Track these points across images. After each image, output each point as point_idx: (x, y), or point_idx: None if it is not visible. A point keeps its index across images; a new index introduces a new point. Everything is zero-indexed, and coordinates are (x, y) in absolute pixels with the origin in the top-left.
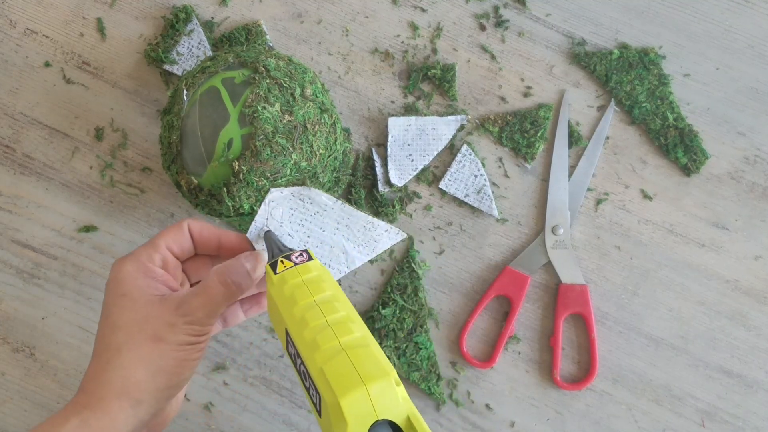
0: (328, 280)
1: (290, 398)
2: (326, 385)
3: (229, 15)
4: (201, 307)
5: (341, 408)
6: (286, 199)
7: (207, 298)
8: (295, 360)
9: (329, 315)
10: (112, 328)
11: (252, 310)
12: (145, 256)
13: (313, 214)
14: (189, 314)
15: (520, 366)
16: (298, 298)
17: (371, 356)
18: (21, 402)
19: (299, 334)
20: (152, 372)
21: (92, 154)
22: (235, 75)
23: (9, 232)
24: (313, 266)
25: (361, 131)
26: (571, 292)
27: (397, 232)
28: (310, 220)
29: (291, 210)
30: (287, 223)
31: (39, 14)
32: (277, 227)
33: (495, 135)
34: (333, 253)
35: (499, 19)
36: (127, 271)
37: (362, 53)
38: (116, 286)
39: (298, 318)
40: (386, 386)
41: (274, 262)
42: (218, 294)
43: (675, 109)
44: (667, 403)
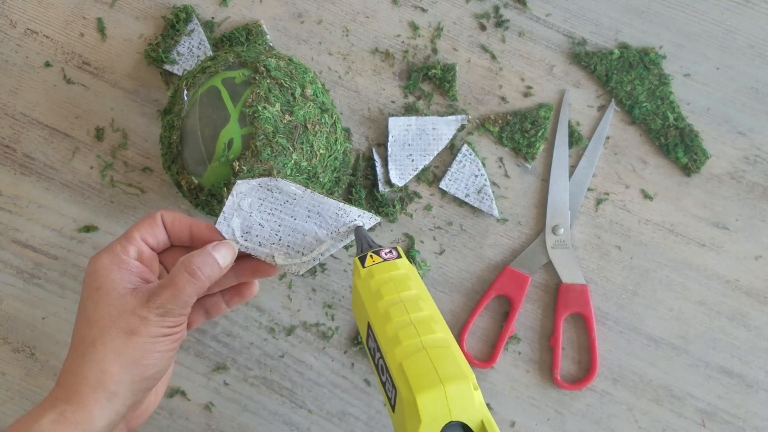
0: (414, 279)
1: (290, 398)
2: (404, 380)
3: (230, 15)
4: (171, 298)
5: (417, 405)
6: (254, 189)
7: (175, 290)
8: (374, 354)
9: (413, 313)
10: (86, 321)
11: (233, 300)
12: (119, 249)
13: (282, 203)
14: (160, 306)
15: (521, 366)
16: (384, 293)
17: (451, 357)
18: (21, 402)
19: (382, 328)
20: (127, 365)
21: (92, 154)
22: (236, 75)
23: (9, 232)
24: (401, 264)
25: (361, 131)
26: (572, 292)
27: (370, 216)
28: (280, 209)
29: (260, 200)
30: (257, 213)
31: (39, 14)
32: (247, 217)
33: (495, 135)
34: (305, 241)
35: (499, 19)
36: (102, 265)
37: (362, 53)
38: (91, 280)
39: (382, 312)
40: (464, 388)
41: (363, 256)
42: (186, 284)
43: (675, 109)
44: (668, 403)
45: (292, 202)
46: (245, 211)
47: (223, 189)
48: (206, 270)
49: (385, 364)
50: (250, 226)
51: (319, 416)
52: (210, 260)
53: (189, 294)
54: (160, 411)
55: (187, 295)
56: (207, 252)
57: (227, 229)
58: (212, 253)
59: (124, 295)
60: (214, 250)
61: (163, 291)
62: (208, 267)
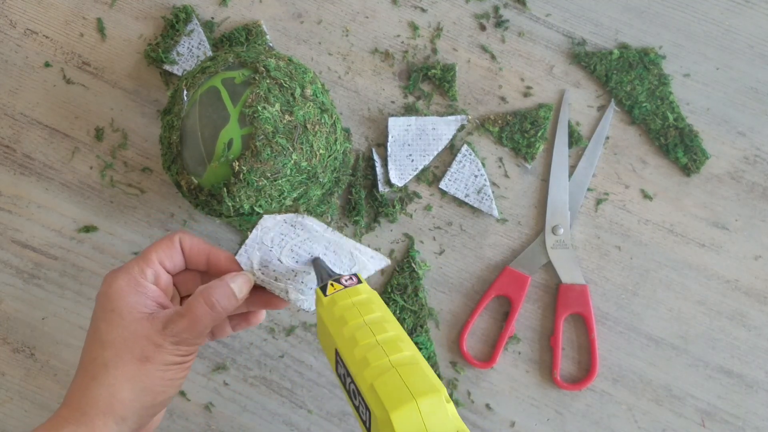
0: (377, 302)
1: (290, 398)
2: (377, 400)
3: (229, 15)
4: (187, 328)
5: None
6: (278, 224)
7: (193, 319)
8: (344, 380)
9: (379, 334)
10: (99, 343)
11: (240, 325)
12: (137, 270)
13: (302, 241)
14: (175, 335)
15: (520, 366)
16: (348, 318)
17: (421, 373)
18: (21, 402)
19: (349, 352)
20: (138, 391)
21: (92, 155)
22: (235, 75)
23: (9, 233)
24: (362, 289)
25: (361, 131)
26: (571, 292)
27: (382, 258)
28: (299, 245)
29: (281, 235)
30: (277, 248)
31: (39, 14)
32: (267, 251)
33: (495, 135)
34: None
35: (499, 19)
36: (119, 286)
37: (362, 53)
38: (106, 301)
39: (348, 337)
40: (436, 402)
41: (323, 285)
42: (204, 315)
43: (675, 109)
44: (667, 402)
45: (311, 239)
46: (266, 245)
47: (222, 189)
48: (224, 302)
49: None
50: (269, 261)
51: (319, 416)
52: (228, 292)
53: (206, 325)
54: None
55: (204, 326)
56: (225, 284)
57: (246, 261)
58: (230, 285)
59: (139, 320)
60: (232, 281)
61: (180, 320)
62: (226, 299)
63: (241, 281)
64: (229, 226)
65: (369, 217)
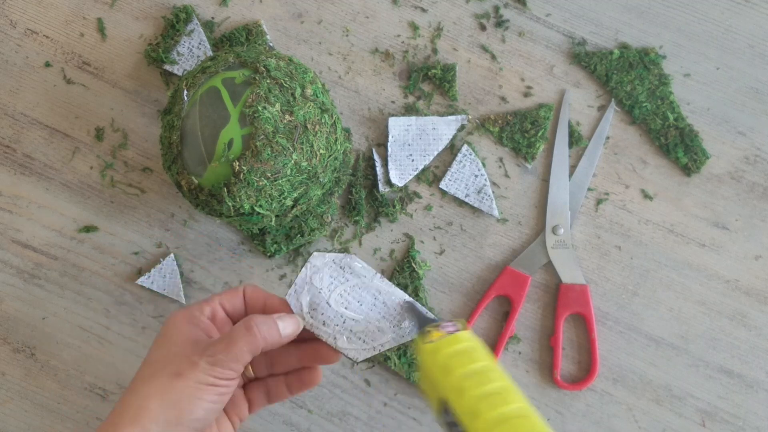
0: (480, 350)
1: (290, 398)
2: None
3: (230, 15)
4: (223, 348)
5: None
6: (327, 265)
7: (229, 341)
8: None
9: (486, 385)
10: (146, 362)
11: (295, 386)
12: (195, 307)
13: (352, 286)
14: (211, 354)
15: (521, 366)
16: (453, 367)
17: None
18: (21, 402)
19: (458, 402)
20: (165, 405)
21: (92, 155)
22: (236, 75)
23: (9, 233)
24: (464, 336)
25: (361, 131)
26: (572, 292)
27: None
28: (349, 291)
29: (331, 278)
30: (326, 291)
31: (39, 14)
32: (316, 293)
33: (495, 135)
34: (368, 328)
35: (499, 19)
36: (176, 318)
37: (362, 53)
38: (162, 329)
39: (455, 386)
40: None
41: (423, 332)
42: (240, 337)
43: (675, 109)
44: (668, 402)
45: (360, 285)
46: (316, 286)
47: (223, 189)
48: (263, 328)
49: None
50: (317, 303)
51: (319, 416)
52: (269, 323)
53: (241, 347)
54: None
55: (239, 348)
56: (269, 317)
57: (296, 303)
58: (274, 319)
59: (183, 342)
60: (278, 318)
61: (219, 342)
62: (265, 327)
63: (287, 319)
64: (230, 225)
65: (369, 217)
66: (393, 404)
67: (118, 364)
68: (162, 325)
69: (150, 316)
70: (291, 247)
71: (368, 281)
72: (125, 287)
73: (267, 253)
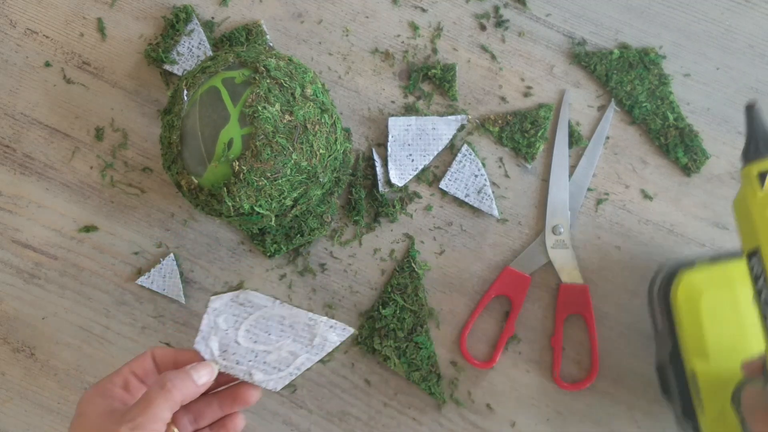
0: None
1: (290, 398)
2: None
3: (230, 15)
4: (141, 411)
5: None
6: (227, 305)
7: (147, 402)
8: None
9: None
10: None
11: None
12: (106, 380)
13: (256, 319)
14: (130, 419)
15: (521, 366)
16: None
17: None
18: (21, 402)
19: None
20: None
21: (92, 154)
22: (236, 75)
23: (9, 232)
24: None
25: (361, 131)
26: (572, 292)
27: (344, 327)
28: (254, 325)
29: (234, 316)
30: (232, 331)
31: (39, 14)
32: (224, 335)
33: (495, 135)
34: (281, 356)
35: (499, 19)
36: (88, 395)
37: (362, 53)
38: (77, 409)
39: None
40: None
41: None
42: (156, 396)
43: (675, 109)
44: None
45: (264, 316)
46: (222, 328)
47: (223, 189)
48: (177, 383)
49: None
50: (227, 344)
51: (319, 416)
52: (182, 375)
53: (158, 406)
54: None
55: (157, 407)
56: (182, 370)
57: (206, 349)
58: (187, 370)
59: (100, 416)
60: (192, 368)
61: (136, 406)
62: (179, 380)
63: (200, 368)
64: (230, 225)
65: (369, 217)
66: (393, 404)
67: (118, 364)
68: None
69: (150, 316)
70: (291, 247)
71: (270, 310)
72: (125, 287)
73: (267, 253)
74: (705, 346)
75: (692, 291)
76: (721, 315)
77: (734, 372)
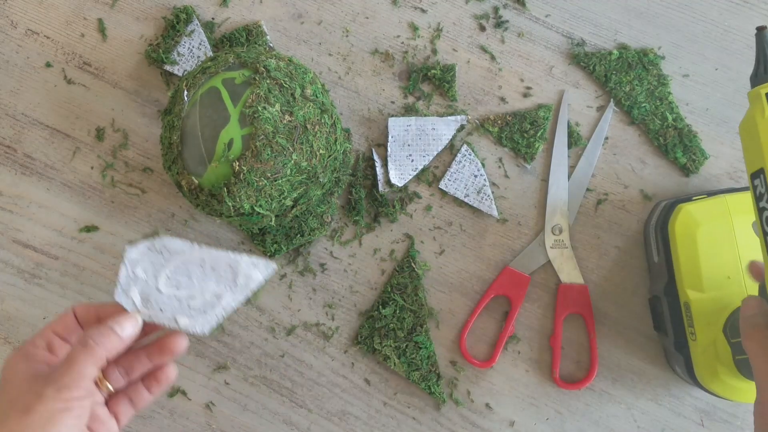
0: None
1: (290, 398)
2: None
3: (230, 16)
4: (66, 371)
5: None
6: (144, 254)
7: (70, 362)
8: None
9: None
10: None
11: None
12: (28, 343)
13: (176, 265)
14: (56, 381)
15: (520, 365)
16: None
17: None
18: None
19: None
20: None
21: (93, 155)
22: (236, 75)
23: (10, 232)
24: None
25: (361, 131)
26: (571, 292)
27: (266, 263)
28: (174, 271)
29: (152, 264)
30: (152, 279)
31: (40, 15)
32: (144, 285)
33: (495, 135)
34: (205, 299)
35: (498, 19)
36: (10, 360)
37: (362, 54)
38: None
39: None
40: None
41: None
42: (79, 355)
43: (674, 110)
44: (667, 402)
45: (184, 261)
46: (141, 278)
47: (223, 189)
48: (99, 339)
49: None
50: (148, 294)
51: (319, 416)
52: (105, 330)
53: (83, 364)
54: (161, 411)
55: (81, 366)
56: (103, 324)
57: (127, 301)
58: (109, 325)
59: (24, 380)
60: (113, 322)
61: (60, 367)
62: (102, 336)
63: (122, 320)
64: (230, 225)
65: (369, 217)
66: (393, 404)
67: None
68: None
69: None
70: (291, 247)
71: (190, 255)
72: None
73: (267, 253)
74: (700, 277)
75: (690, 222)
76: (716, 246)
77: (727, 302)
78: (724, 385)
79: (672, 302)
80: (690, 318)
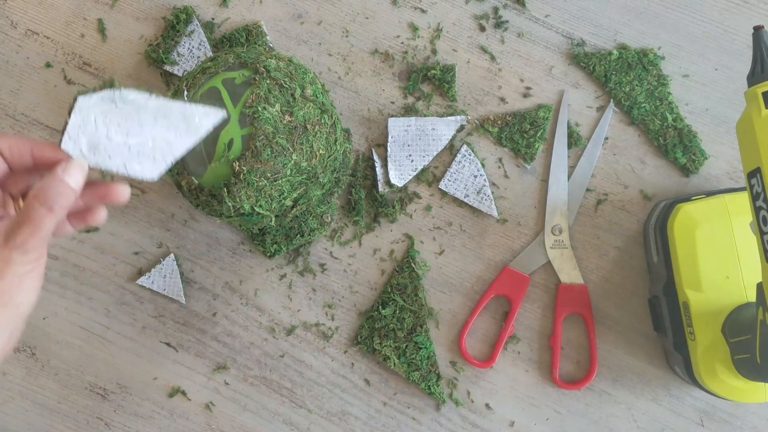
0: None
1: (290, 398)
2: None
3: (230, 16)
4: (30, 236)
5: None
6: (97, 104)
7: (34, 226)
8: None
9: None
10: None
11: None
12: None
13: (128, 113)
14: (20, 246)
15: (520, 366)
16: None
17: None
18: (22, 402)
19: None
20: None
21: None
22: (236, 76)
23: None
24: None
25: (361, 132)
26: (571, 292)
27: (217, 111)
28: (126, 119)
29: (104, 114)
30: (102, 127)
31: (40, 15)
32: (93, 133)
33: (494, 135)
34: (156, 144)
35: (498, 20)
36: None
37: (362, 54)
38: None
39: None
40: None
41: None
42: (44, 219)
43: (674, 110)
44: (666, 402)
45: (137, 110)
46: (91, 126)
47: (223, 189)
48: (62, 201)
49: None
50: (97, 141)
51: (319, 416)
52: (64, 189)
53: (48, 228)
54: (161, 410)
55: (47, 230)
56: (59, 179)
57: (73, 148)
58: (65, 180)
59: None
60: (65, 173)
61: (21, 229)
62: (63, 198)
63: (73, 170)
64: (230, 225)
65: (369, 217)
66: (392, 404)
67: (119, 363)
68: None
69: (150, 316)
70: (291, 247)
71: (143, 104)
72: (125, 287)
73: (267, 253)
74: (699, 277)
75: (688, 222)
76: (715, 246)
77: (726, 302)
78: (724, 385)
79: (671, 302)
80: (689, 318)
